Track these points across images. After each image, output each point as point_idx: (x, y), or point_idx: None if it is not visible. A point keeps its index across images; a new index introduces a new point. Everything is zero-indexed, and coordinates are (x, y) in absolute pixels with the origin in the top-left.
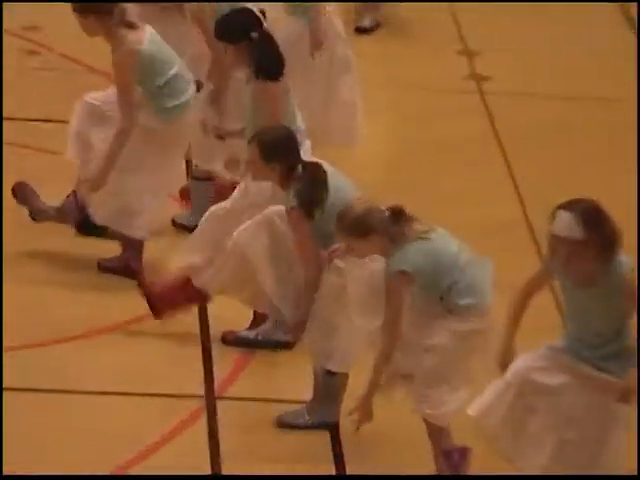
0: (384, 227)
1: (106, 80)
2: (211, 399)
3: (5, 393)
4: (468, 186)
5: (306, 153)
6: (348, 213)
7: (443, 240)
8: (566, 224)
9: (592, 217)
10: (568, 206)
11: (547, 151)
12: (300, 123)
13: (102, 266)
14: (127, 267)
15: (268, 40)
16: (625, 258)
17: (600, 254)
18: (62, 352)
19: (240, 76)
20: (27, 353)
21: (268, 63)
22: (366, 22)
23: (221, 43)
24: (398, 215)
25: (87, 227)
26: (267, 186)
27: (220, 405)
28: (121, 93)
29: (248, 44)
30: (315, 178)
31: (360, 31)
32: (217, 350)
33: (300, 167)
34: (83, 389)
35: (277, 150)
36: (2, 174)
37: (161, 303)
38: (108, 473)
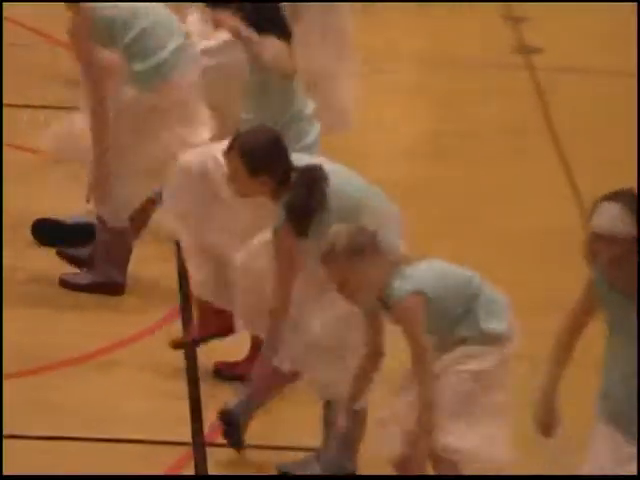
0: (375, 249)
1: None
2: (200, 446)
3: None
4: (513, 182)
5: (315, 139)
6: (336, 239)
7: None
8: (613, 218)
9: None
10: (614, 197)
11: (611, 139)
12: (307, 108)
13: (70, 283)
14: (106, 284)
15: None
16: None
17: None
18: (21, 387)
19: None
20: None
21: (271, 16)
22: None
23: (208, 8)
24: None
25: (43, 231)
26: None
27: (210, 453)
28: (82, 62)
29: (240, 5)
30: (311, 187)
31: None
32: (207, 386)
33: (294, 174)
34: (41, 433)
35: (266, 159)
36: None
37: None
38: None
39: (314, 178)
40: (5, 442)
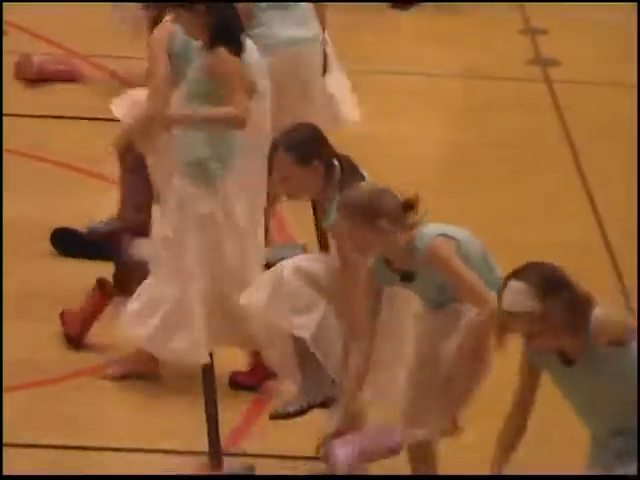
0: (397, 214)
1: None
2: (217, 456)
3: None
4: (530, 196)
5: None
6: (355, 193)
7: None
8: (518, 296)
9: (549, 284)
10: (518, 274)
11: (629, 153)
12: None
13: None
14: None
15: (229, 5)
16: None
17: (566, 327)
18: (38, 397)
19: None
20: None
21: (229, 29)
22: None
23: (173, 11)
24: (411, 207)
25: (62, 241)
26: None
27: (228, 463)
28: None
29: (206, 10)
30: (356, 174)
31: (398, 6)
32: (224, 396)
33: (337, 162)
34: (54, 443)
35: (312, 144)
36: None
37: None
38: None
39: (355, 167)
40: (15, 451)
